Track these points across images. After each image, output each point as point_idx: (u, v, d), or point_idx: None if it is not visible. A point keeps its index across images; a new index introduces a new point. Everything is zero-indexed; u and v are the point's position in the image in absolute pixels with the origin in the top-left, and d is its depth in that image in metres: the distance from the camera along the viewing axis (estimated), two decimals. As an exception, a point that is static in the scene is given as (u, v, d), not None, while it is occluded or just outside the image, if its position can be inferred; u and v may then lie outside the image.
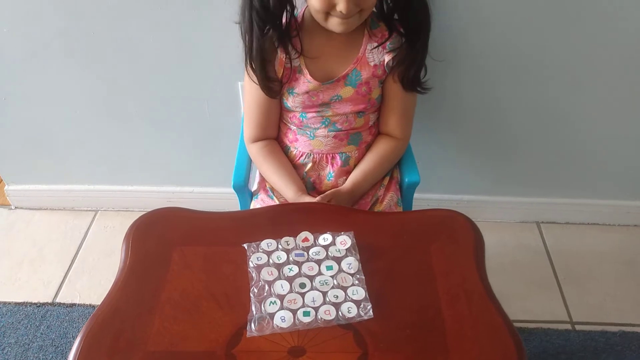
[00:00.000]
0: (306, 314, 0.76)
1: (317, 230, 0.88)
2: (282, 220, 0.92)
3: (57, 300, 1.48)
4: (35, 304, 1.47)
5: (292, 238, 0.87)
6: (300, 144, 1.12)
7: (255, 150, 1.13)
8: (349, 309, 0.76)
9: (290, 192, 1.06)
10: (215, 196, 1.65)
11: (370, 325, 0.75)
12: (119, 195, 1.72)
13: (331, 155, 1.12)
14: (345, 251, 0.84)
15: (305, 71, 1.03)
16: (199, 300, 0.79)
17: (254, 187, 1.18)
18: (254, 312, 0.76)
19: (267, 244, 0.85)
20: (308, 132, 1.11)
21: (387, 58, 1.03)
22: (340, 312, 0.76)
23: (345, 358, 0.71)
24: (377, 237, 0.88)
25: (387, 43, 1.02)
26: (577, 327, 1.40)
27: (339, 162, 1.12)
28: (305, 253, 0.84)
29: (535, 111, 1.41)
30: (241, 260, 0.84)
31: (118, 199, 1.73)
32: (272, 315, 0.76)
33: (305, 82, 1.03)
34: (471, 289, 0.80)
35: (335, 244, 0.86)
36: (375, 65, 1.04)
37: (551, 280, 1.52)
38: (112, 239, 1.67)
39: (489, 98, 1.39)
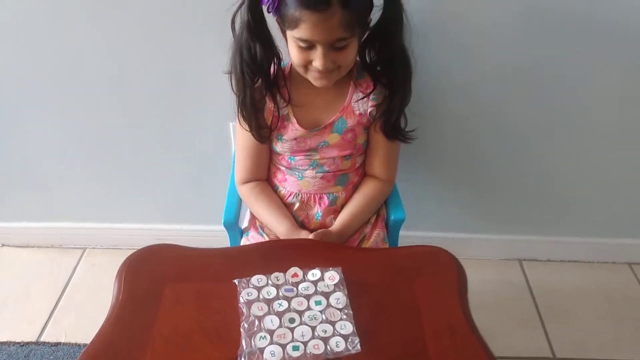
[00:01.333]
0: (295, 348, 0.78)
1: (306, 266, 0.91)
2: (272, 256, 0.95)
3: (42, 339, 1.47)
4: (18, 343, 1.45)
5: (281, 274, 0.89)
6: (288, 183, 1.16)
7: (246, 191, 1.16)
8: (337, 343, 0.79)
9: (283, 228, 1.09)
10: (205, 234, 1.67)
11: (357, 359, 0.77)
12: (107, 232, 1.72)
13: (319, 195, 1.15)
14: (333, 286, 0.87)
15: (293, 119, 1.07)
16: (190, 335, 0.80)
17: (244, 224, 1.21)
18: (244, 347, 0.78)
19: (258, 279, 0.88)
20: (296, 173, 1.14)
21: (370, 108, 1.07)
22: (328, 347, 0.78)
23: (334, 391, 0.73)
24: (365, 272, 0.91)
25: (371, 95, 1.06)
26: (560, 363, 1.42)
27: (327, 202, 1.15)
28: (295, 288, 0.87)
29: (515, 154, 1.47)
30: (232, 295, 0.86)
31: (106, 237, 1.74)
32: (262, 350, 0.78)
33: (293, 129, 1.08)
34: (455, 323, 0.83)
35: (324, 279, 0.88)
36: (360, 114, 1.08)
37: (534, 317, 1.55)
38: (100, 277, 1.66)
39: (470, 143, 1.45)
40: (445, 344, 0.80)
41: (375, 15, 0.97)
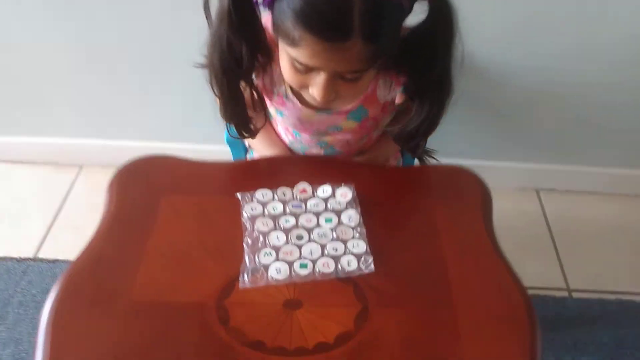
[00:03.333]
0: (303, 266, 0.71)
1: (316, 182, 0.82)
2: (278, 171, 0.87)
3: (39, 255, 1.42)
4: (15, 258, 1.41)
5: (288, 189, 0.81)
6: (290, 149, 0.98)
7: None
8: (349, 262, 0.72)
9: (271, 152, 0.92)
10: (208, 154, 1.56)
11: (371, 279, 0.70)
12: (105, 150, 1.64)
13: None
14: (345, 204, 0.79)
15: (293, 98, 0.84)
16: (188, 249, 0.73)
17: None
18: (248, 263, 0.71)
19: (262, 194, 0.80)
20: (299, 146, 0.95)
21: (398, 98, 0.84)
22: (339, 266, 0.71)
23: (345, 312, 0.67)
24: (380, 190, 0.83)
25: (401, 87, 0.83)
26: (574, 295, 1.38)
27: None
28: (303, 204, 0.79)
29: (538, 75, 1.37)
30: (234, 210, 0.78)
31: (104, 154, 1.64)
32: (266, 267, 0.71)
33: (295, 109, 0.85)
34: (478, 246, 0.76)
35: (335, 196, 0.80)
36: (386, 103, 0.85)
37: (549, 248, 1.49)
38: (98, 196, 1.55)
39: (488, 64, 1.34)
40: (468, 266, 0.73)
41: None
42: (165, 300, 0.68)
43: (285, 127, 0.94)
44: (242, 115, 0.85)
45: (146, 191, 0.81)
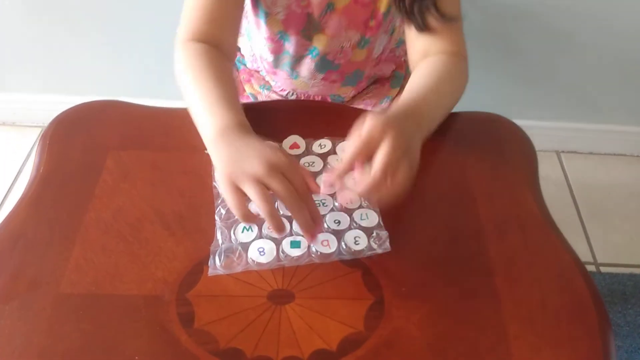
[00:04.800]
0: (295, 244, 0.53)
1: (310, 135, 0.64)
2: (261, 120, 0.66)
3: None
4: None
5: (275, 144, 0.62)
6: (279, 78, 0.83)
7: (195, 51, 0.65)
8: (356, 239, 0.54)
9: (215, 124, 0.58)
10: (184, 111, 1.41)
11: (386, 262, 0.53)
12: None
13: (319, 97, 0.85)
14: (349, 162, 0.60)
15: None
16: (140, 222, 0.55)
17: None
18: (220, 241, 0.53)
19: (241, 150, 0.61)
20: (287, 69, 0.80)
21: None
22: (343, 244, 0.53)
23: (352, 307, 0.49)
24: (394, 144, 0.64)
25: None
26: (602, 269, 1.24)
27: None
28: (294, 163, 0.60)
29: (557, 16, 1.24)
30: (202, 170, 0.60)
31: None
32: (245, 247, 0.53)
33: None
34: (526, 216, 0.58)
35: (335, 153, 0.62)
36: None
37: (573, 217, 1.35)
38: None
39: (508, 15, 1.22)
40: (513, 243, 0.55)
41: None
42: (106, 293, 0.50)
43: (269, 38, 0.76)
44: None
45: (87, 147, 0.62)
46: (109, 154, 0.61)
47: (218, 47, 0.66)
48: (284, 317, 0.48)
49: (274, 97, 0.87)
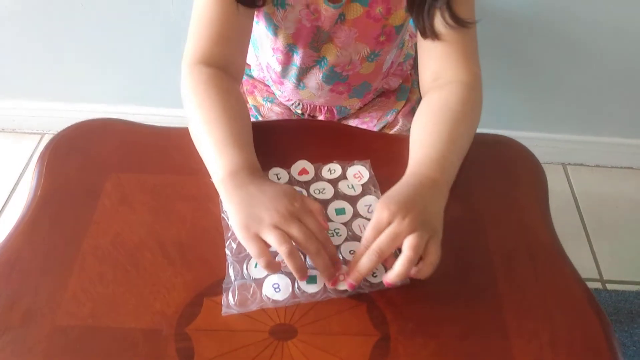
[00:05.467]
0: (311, 280, 0.51)
1: (318, 159, 0.62)
2: (266, 141, 0.65)
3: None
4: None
5: (283, 170, 0.61)
6: (286, 88, 0.82)
7: (203, 77, 0.62)
8: (374, 271, 0.51)
9: (238, 159, 0.56)
10: (180, 120, 1.38)
11: (392, 295, 0.51)
12: (69, 115, 1.41)
13: (326, 107, 0.83)
14: (361, 187, 0.59)
15: None
16: (139, 250, 0.53)
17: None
18: (233, 278, 0.51)
19: (247, 175, 0.59)
20: (294, 80, 0.79)
21: None
22: (360, 277, 0.51)
23: (357, 344, 0.48)
24: (401, 169, 0.61)
25: None
26: (609, 286, 1.21)
27: (335, 115, 0.83)
28: (304, 190, 0.59)
29: (565, 28, 1.22)
30: (203, 195, 0.58)
31: (68, 120, 1.43)
32: (259, 282, 0.51)
33: None
34: (536, 244, 0.56)
35: (346, 178, 0.60)
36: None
37: (579, 231, 1.32)
38: None
39: (516, 28, 1.20)
40: (522, 273, 0.54)
41: None
42: (104, 325, 0.48)
43: (277, 49, 0.74)
44: None
45: (86, 168, 0.60)
46: (108, 176, 0.59)
47: (226, 69, 0.64)
48: (286, 354, 0.47)
49: (277, 109, 0.85)
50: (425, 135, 0.60)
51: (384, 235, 0.49)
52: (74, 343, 0.47)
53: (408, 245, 0.48)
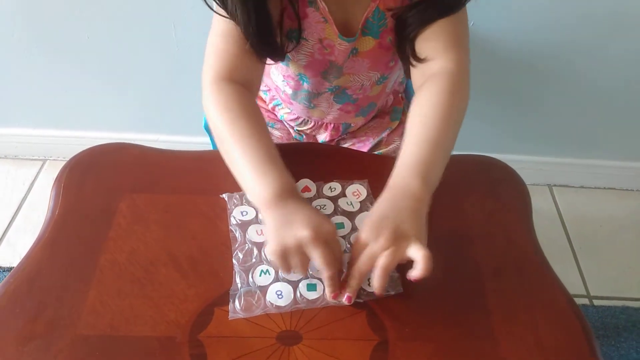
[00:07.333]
0: (311, 287, 0.55)
1: (319, 178, 0.67)
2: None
3: (-7, 262, 1.25)
4: (-35, 266, 1.23)
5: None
6: (296, 107, 0.86)
7: (229, 94, 0.63)
8: (369, 281, 0.56)
9: (273, 186, 0.57)
10: (185, 146, 1.40)
11: (389, 303, 0.55)
12: (70, 142, 1.46)
13: (332, 124, 0.87)
14: (359, 204, 0.64)
15: (330, 17, 0.68)
16: (154, 265, 0.57)
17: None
18: (239, 285, 0.55)
19: (253, 194, 0.63)
20: (305, 102, 0.82)
21: None
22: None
23: (358, 348, 0.51)
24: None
25: None
26: (596, 302, 1.25)
27: (340, 130, 0.87)
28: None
29: (549, 56, 1.26)
30: (215, 214, 0.62)
31: (70, 147, 1.46)
32: (263, 290, 0.55)
33: (320, 21, 0.68)
34: (522, 257, 0.61)
35: (345, 195, 0.65)
36: None
37: (565, 250, 1.36)
38: None
39: (499, 54, 1.23)
40: (510, 284, 0.58)
41: None
42: (122, 334, 0.52)
43: (288, 76, 0.78)
44: (267, 30, 0.64)
45: (101, 189, 0.65)
46: (122, 197, 0.63)
47: (247, 85, 0.65)
48: (292, 358, 0.50)
49: (277, 134, 0.90)
50: (410, 138, 0.62)
51: (362, 257, 0.54)
52: (95, 350, 0.50)
53: (378, 265, 0.53)
